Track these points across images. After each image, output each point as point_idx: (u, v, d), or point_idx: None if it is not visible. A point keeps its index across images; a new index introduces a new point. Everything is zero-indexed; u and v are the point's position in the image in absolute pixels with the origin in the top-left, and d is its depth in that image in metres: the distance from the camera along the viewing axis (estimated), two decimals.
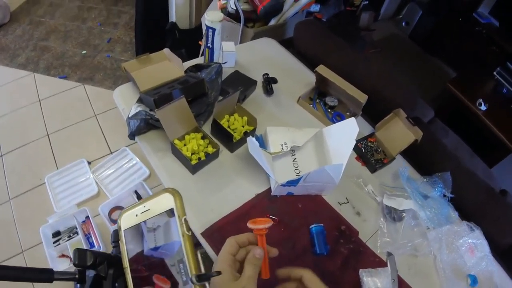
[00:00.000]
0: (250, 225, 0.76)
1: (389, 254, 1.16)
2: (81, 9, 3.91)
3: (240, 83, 1.43)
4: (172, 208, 0.58)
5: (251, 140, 1.10)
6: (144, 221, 0.61)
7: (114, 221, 2.15)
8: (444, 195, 1.33)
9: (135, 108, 1.30)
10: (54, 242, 2.08)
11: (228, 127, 1.29)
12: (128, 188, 2.27)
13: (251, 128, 1.30)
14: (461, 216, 1.34)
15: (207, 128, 1.33)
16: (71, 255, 1.98)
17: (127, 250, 0.62)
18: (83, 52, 3.32)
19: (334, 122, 1.44)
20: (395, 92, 1.68)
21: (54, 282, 0.64)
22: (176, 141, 1.21)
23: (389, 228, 1.24)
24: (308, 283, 0.72)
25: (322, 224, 1.14)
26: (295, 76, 1.67)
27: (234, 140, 1.24)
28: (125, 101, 1.38)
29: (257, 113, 1.33)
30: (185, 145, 1.22)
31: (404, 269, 1.16)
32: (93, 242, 2.06)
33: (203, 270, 0.58)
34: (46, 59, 3.24)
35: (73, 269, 0.65)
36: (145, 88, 1.32)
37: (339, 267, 1.12)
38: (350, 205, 1.26)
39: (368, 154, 1.40)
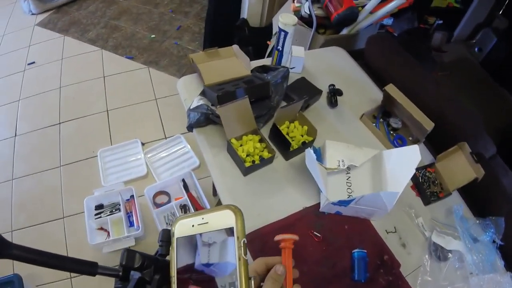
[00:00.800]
0: (277, 237, 0.74)
1: None
2: None
3: (305, 91, 1.42)
4: (232, 227, 0.57)
5: (309, 152, 1.09)
6: (200, 234, 0.60)
7: (157, 205, 2.19)
8: (494, 241, 1.26)
9: (197, 101, 1.31)
10: (96, 215, 2.14)
11: (287, 134, 1.28)
12: (177, 175, 2.30)
13: (310, 138, 1.28)
14: (507, 266, 1.27)
15: (265, 131, 1.32)
16: (109, 229, 2.07)
17: (177, 259, 0.62)
18: (152, 36, 3.41)
19: (395, 146, 1.40)
20: (462, 120, 1.60)
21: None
22: (233, 140, 1.22)
23: (432, 267, 1.18)
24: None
25: (365, 251, 1.11)
26: (361, 91, 1.63)
27: (291, 149, 1.23)
28: (188, 92, 1.40)
29: (317, 124, 1.31)
30: (241, 145, 1.22)
31: None
32: (133, 221, 2.11)
33: None
34: (115, 38, 3.37)
35: (108, 243, 0.65)
36: (210, 82, 1.34)
37: None
38: (397, 235, 1.22)
39: (425, 185, 1.35)
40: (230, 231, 0.57)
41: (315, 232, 1.15)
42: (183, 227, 0.63)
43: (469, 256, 1.20)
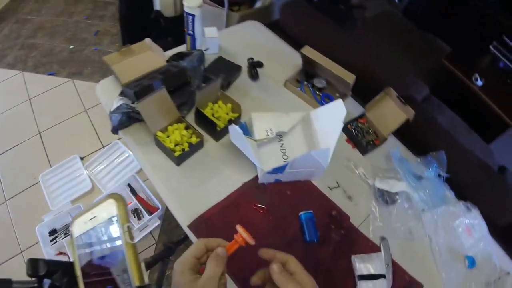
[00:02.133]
0: (238, 227, 0.76)
1: (383, 239, 1.13)
2: (68, 3, 3.86)
3: (224, 69, 1.39)
4: (116, 215, 0.55)
5: (233, 128, 1.06)
6: (93, 229, 0.58)
7: None
8: (439, 175, 1.29)
9: (117, 102, 1.26)
10: (52, 240, 2.08)
11: (212, 115, 1.25)
12: (122, 181, 2.25)
13: (236, 115, 1.26)
14: (457, 196, 1.30)
15: (191, 118, 1.29)
16: (68, 252, 2.01)
17: (79, 258, 0.59)
18: (70, 47, 3.28)
19: (323, 105, 1.39)
20: (387, 71, 1.63)
21: None
22: (159, 133, 1.18)
23: (382, 212, 1.20)
24: (294, 269, 0.68)
25: (311, 211, 1.10)
26: (282, 60, 1.61)
27: (218, 129, 1.20)
28: (108, 95, 1.34)
29: (242, 100, 1.29)
30: (168, 136, 1.18)
31: (398, 254, 1.13)
32: None
33: (146, 281, 0.54)
34: (34, 57, 3.20)
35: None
36: (127, 80, 1.29)
37: (331, 254, 1.09)
38: (341, 189, 1.23)
39: (359, 136, 1.36)
40: (116, 220, 0.55)
41: (259, 205, 1.13)
42: (78, 226, 0.60)
43: (416, 194, 1.22)
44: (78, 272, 0.58)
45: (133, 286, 0.52)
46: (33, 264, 0.60)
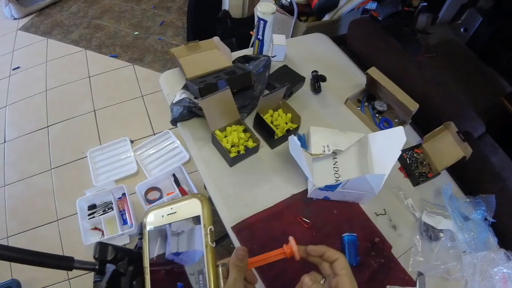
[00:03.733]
0: (291, 239, 0.72)
1: (420, 274, 1.11)
2: None
3: (288, 79, 1.41)
4: (199, 216, 0.57)
5: (292, 139, 1.08)
6: (170, 224, 0.60)
7: (149, 201, 2.19)
8: (486, 219, 1.26)
9: (179, 95, 1.30)
10: (89, 215, 2.15)
11: (271, 122, 1.27)
12: (167, 170, 2.30)
13: (295, 126, 1.27)
14: (500, 243, 1.27)
15: (250, 121, 1.31)
16: (103, 229, 2.07)
17: (149, 249, 0.61)
18: (135, 33, 3.38)
19: (381, 128, 1.39)
20: (447, 102, 1.59)
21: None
22: (217, 132, 1.21)
23: (424, 247, 1.18)
24: (339, 271, 0.64)
25: (355, 234, 1.10)
26: (345, 76, 1.62)
27: (276, 137, 1.22)
28: (170, 87, 1.39)
29: (302, 111, 1.30)
30: (225, 136, 1.21)
31: None
32: (126, 219, 2.11)
33: (222, 285, 0.55)
34: (99, 37, 3.34)
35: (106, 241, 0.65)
36: (192, 75, 1.32)
37: (366, 280, 1.08)
38: (387, 217, 1.22)
39: (413, 166, 1.34)
40: (197, 220, 0.57)
41: (304, 218, 1.14)
42: (153, 218, 0.62)
43: (461, 235, 1.20)
44: (146, 263, 0.60)
45: None
46: (102, 248, 0.62)
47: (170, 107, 1.28)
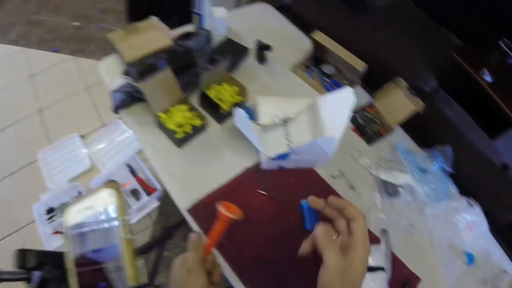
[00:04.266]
0: (219, 206, 0.76)
1: (384, 231, 1.11)
2: None
3: (232, 51, 1.35)
4: (114, 206, 0.52)
5: (238, 112, 1.03)
6: (87, 218, 0.54)
7: None
8: (444, 170, 1.27)
9: (119, 81, 1.24)
10: (48, 219, 2.07)
11: (218, 98, 1.22)
12: (121, 161, 2.23)
13: (241, 98, 1.23)
14: (460, 191, 1.29)
15: (196, 99, 1.26)
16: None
17: (73, 249, 0.56)
18: (75, 23, 3.22)
19: (331, 92, 1.36)
20: (397, 60, 1.59)
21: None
22: (161, 114, 1.15)
23: (385, 204, 1.18)
24: (356, 231, 0.61)
25: None
26: (292, 44, 1.57)
27: (222, 111, 1.17)
28: (111, 74, 1.31)
29: (249, 83, 1.26)
30: (170, 118, 1.16)
31: (398, 247, 1.11)
32: None
33: (143, 279, 0.51)
34: (38, 33, 3.14)
35: None
36: (131, 59, 1.25)
37: None
38: (344, 179, 1.21)
39: (366, 125, 1.33)
40: (112, 211, 0.52)
41: (260, 191, 1.11)
42: (72, 215, 0.57)
43: (420, 188, 1.20)
44: (70, 265, 0.55)
45: (127, 285, 0.50)
46: (22, 256, 0.57)
47: (111, 95, 1.21)
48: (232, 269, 0.98)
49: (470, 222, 1.20)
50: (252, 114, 1.20)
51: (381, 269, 1.03)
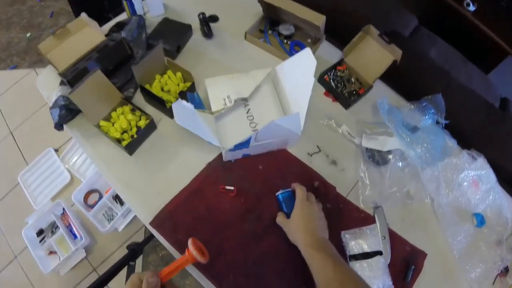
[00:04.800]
0: (190, 243, 0.74)
1: (376, 207, 0.97)
2: None
3: (172, 33, 1.18)
4: None
5: (177, 106, 0.87)
6: None
7: (91, 206, 2.02)
8: (437, 122, 1.10)
9: (55, 95, 1.10)
10: (41, 241, 2.02)
11: (162, 90, 1.06)
12: None
13: (188, 84, 1.07)
14: (459, 144, 1.12)
15: (140, 97, 1.10)
16: (57, 250, 1.95)
17: None
18: (28, 35, 3.05)
19: (294, 54, 1.16)
20: (364, 4, 1.40)
21: None
22: (102, 123, 1.01)
23: (373, 176, 1.03)
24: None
25: (289, 189, 0.93)
26: (240, 10, 1.35)
27: (168, 105, 1.01)
28: (49, 87, 1.16)
29: (198, 64, 1.13)
30: (114, 124, 1.01)
31: (396, 222, 0.98)
32: (75, 233, 1.98)
33: None
34: None
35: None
36: (64, 68, 1.10)
37: None
38: (323, 154, 1.05)
39: (339, 87, 1.16)
40: None
41: (226, 187, 0.97)
42: None
43: (411, 151, 1.04)
44: None
45: None
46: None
47: (50, 112, 1.07)
48: (209, 280, 0.88)
49: (475, 178, 1.04)
50: (200, 102, 1.03)
51: (378, 253, 0.89)
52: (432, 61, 1.31)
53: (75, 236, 1.98)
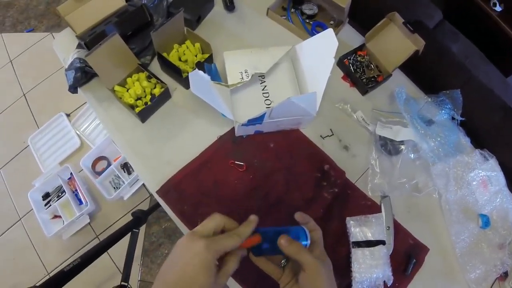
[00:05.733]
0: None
1: (384, 197, 0.97)
2: None
3: (193, 2, 1.16)
4: None
5: (194, 75, 0.85)
6: None
7: (98, 173, 2.03)
8: (453, 118, 1.08)
9: (72, 57, 1.09)
10: (46, 204, 2.04)
11: (180, 59, 1.05)
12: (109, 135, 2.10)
13: (206, 56, 1.06)
14: (473, 143, 1.10)
15: (157, 65, 1.09)
16: (61, 215, 1.97)
17: None
18: None
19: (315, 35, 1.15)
20: None
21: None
22: (117, 88, 1.00)
23: (384, 164, 1.01)
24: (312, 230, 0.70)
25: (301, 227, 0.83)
26: None
27: (184, 75, 1.00)
28: (66, 50, 1.15)
29: (216, 37, 1.11)
30: (128, 90, 1.00)
31: (401, 213, 0.97)
32: (81, 198, 2.00)
33: None
34: (11, 16, 2.96)
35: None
36: (82, 30, 1.09)
37: (322, 216, 0.92)
38: (336, 138, 1.04)
39: (358, 72, 1.14)
40: None
41: (236, 162, 0.96)
42: None
43: (425, 144, 1.02)
44: None
45: None
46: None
47: (65, 74, 1.06)
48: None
49: (484, 178, 1.03)
50: (217, 74, 1.02)
51: (381, 242, 0.89)
52: (453, 56, 1.28)
53: (80, 202, 2.00)
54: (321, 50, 0.97)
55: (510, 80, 1.70)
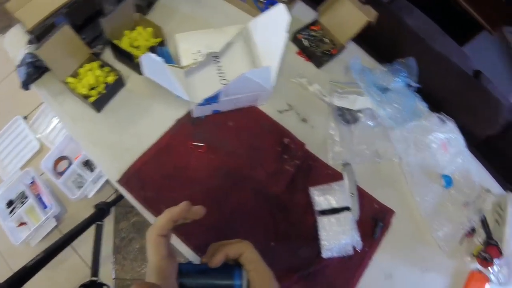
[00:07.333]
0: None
1: (345, 165, 0.98)
2: None
3: None
4: None
5: (146, 58, 0.84)
6: None
7: (60, 173, 1.98)
8: (409, 85, 1.10)
9: (22, 53, 1.06)
10: (10, 212, 1.98)
11: (132, 45, 1.04)
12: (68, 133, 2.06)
13: (158, 40, 1.05)
14: (430, 108, 1.13)
15: (110, 54, 1.08)
16: (27, 221, 1.93)
17: None
18: None
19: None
20: None
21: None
22: (70, 80, 0.98)
23: (343, 133, 1.03)
24: (247, 265, 0.58)
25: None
26: None
27: (136, 61, 0.99)
28: (17, 47, 1.12)
29: (169, 20, 1.11)
30: (81, 81, 0.98)
31: (364, 180, 0.99)
32: (46, 202, 1.96)
33: None
34: None
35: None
36: (32, 25, 1.06)
37: (286, 189, 0.93)
38: (294, 112, 1.05)
39: (312, 46, 1.15)
40: None
41: (196, 143, 0.96)
42: None
43: (382, 110, 1.04)
44: None
45: None
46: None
47: (17, 71, 1.04)
48: (178, 236, 0.88)
49: (444, 141, 1.06)
50: (170, 57, 1.02)
51: (346, 209, 0.90)
52: (407, 27, 1.30)
53: (45, 206, 1.94)
54: (274, 25, 0.97)
55: (465, 48, 1.74)
